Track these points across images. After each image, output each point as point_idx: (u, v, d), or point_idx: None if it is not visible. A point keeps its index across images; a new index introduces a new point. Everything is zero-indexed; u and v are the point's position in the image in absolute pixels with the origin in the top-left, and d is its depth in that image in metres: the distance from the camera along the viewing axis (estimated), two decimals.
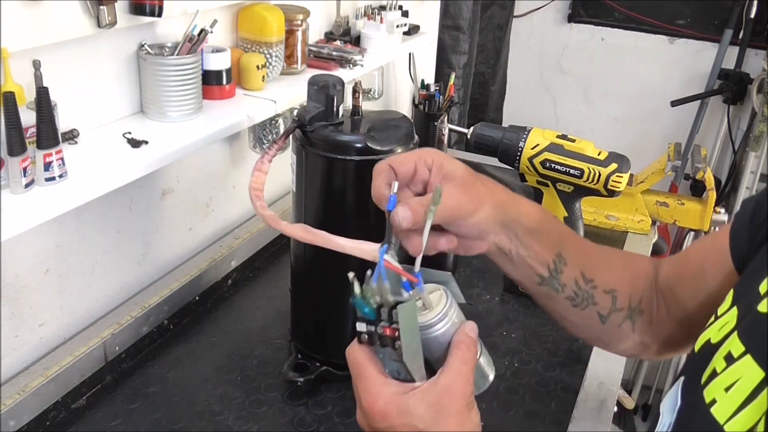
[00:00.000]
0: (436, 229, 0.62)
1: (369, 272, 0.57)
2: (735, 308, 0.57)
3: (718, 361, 0.54)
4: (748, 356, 0.51)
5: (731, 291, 0.60)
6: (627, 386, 2.71)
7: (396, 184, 0.60)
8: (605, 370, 1.09)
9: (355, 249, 0.59)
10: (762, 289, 0.54)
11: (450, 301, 0.59)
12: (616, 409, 1.09)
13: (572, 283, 0.71)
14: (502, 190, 0.66)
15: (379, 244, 0.59)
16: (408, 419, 0.56)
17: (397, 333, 0.56)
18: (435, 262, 0.67)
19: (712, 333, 0.58)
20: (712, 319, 0.60)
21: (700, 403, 0.53)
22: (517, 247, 0.67)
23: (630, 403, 2.49)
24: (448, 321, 0.58)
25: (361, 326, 0.57)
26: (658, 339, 0.76)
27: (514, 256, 0.68)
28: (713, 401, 0.52)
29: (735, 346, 0.53)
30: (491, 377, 0.64)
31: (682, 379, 0.60)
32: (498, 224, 0.65)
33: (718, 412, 0.51)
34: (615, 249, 0.84)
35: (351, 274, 0.57)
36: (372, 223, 0.83)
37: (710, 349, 0.56)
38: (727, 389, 0.51)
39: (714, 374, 0.53)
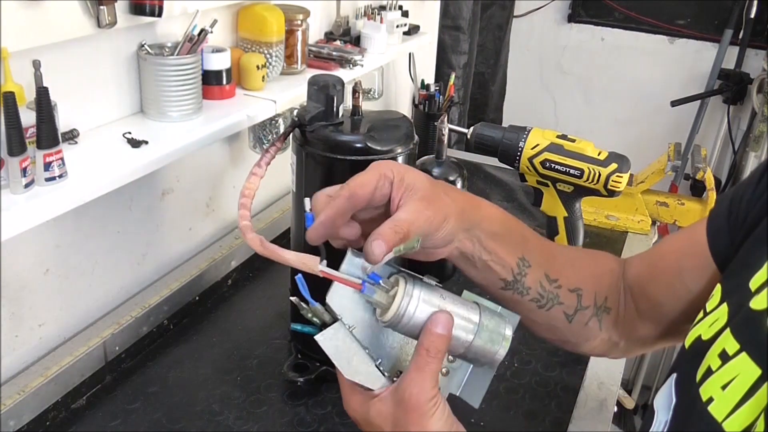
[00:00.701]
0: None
1: (296, 298, 0.58)
2: (725, 304, 0.57)
3: (712, 359, 0.54)
4: (744, 354, 0.51)
5: (718, 287, 0.60)
6: (627, 386, 2.71)
7: (307, 201, 0.59)
8: (605, 370, 1.09)
9: (298, 262, 0.58)
10: (752, 285, 0.55)
11: (407, 293, 0.57)
12: (616, 409, 1.09)
13: (537, 285, 0.70)
14: (463, 196, 0.66)
15: (317, 257, 0.58)
16: (372, 429, 0.58)
17: None
18: (434, 265, 0.67)
19: (702, 329, 0.58)
20: (701, 315, 0.60)
21: (697, 402, 0.53)
22: (480, 252, 0.66)
23: (630, 403, 2.49)
24: (413, 310, 0.57)
25: None
26: (625, 336, 0.76)
27: (477, 260, 0.67)
28: (710, 399, 0.52)
29: (729, 343, 0.53)
30: (502, 349, 0.61)
31: (674, 375, 0.60)
32: (461, 230, 0.64)
33: (716, 411, 0.51)
34: (578, 248, 0.84)
35: (293, 299, 0.58)
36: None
37: (702, 345, 0.56)
38: (723, 387, 0.51)
39: (709, 372, 0.53)
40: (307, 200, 0.59)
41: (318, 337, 0.57)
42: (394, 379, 0.59)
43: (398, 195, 0.60)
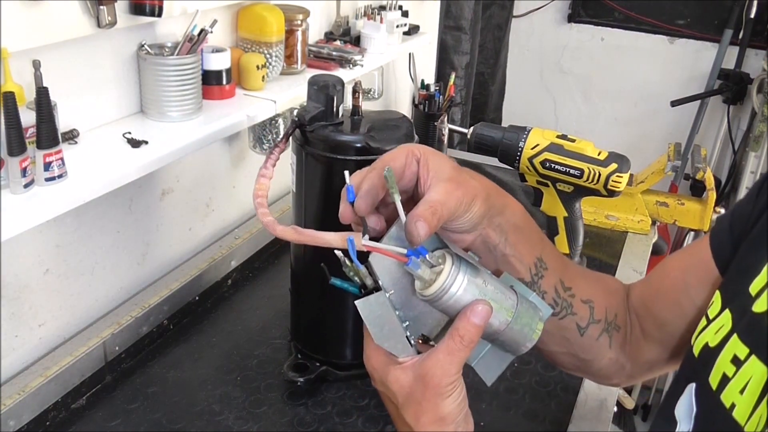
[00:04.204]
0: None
1: (343, 254, 0.59)
2: (727, 311, 0.58)
3: (725, 366, 0.55)
4: (753, 357, 0.53)
5: (717, 293, 0.61)
6: (627, 386, 2.71)
7: (347, 173, 0.59)
8: None
9: (340, 240, 0.59)
10: (752, 290, 0.56)
11: (452, 273, 0.57)
12: (616, 409, 1.09)
13: (552, 290, 0.69)
14: (488, 181, 0.65)
15: (359, 233, 0.59)
16: (384, 389, 0.59)
17: None
18: None
19: (708, 337, 0.59)
20: (704, 322, 0.61)
21: (719, 409, 0.54)
22: (503, 245, 0.65)
23: (630, 403, 2.49)
24: (455, 293, 0.57)
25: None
26: (632, 359, 0.75)
27: (498, 254, 0.65)
28: (733, 405, 0.53)
29: (739, 348, 0.54)
30: (529, 343, 0.61)
31: (693, 385, 0.61)
32: (486, 216, 0.63)
33: (739, 415, 0.53)
34: (585, 268, 0.83)
35: (339, 253, 0.58)
36: None
37: (710, 353, 0.57)
38: (741, 391, 0.53)
39: (726, 379, 0.55)
40: (347, 172, 0.59)
41: (358, 303, 0.57)
42: (419, 350, 0.59)
43: (425, 176, 0.60)
